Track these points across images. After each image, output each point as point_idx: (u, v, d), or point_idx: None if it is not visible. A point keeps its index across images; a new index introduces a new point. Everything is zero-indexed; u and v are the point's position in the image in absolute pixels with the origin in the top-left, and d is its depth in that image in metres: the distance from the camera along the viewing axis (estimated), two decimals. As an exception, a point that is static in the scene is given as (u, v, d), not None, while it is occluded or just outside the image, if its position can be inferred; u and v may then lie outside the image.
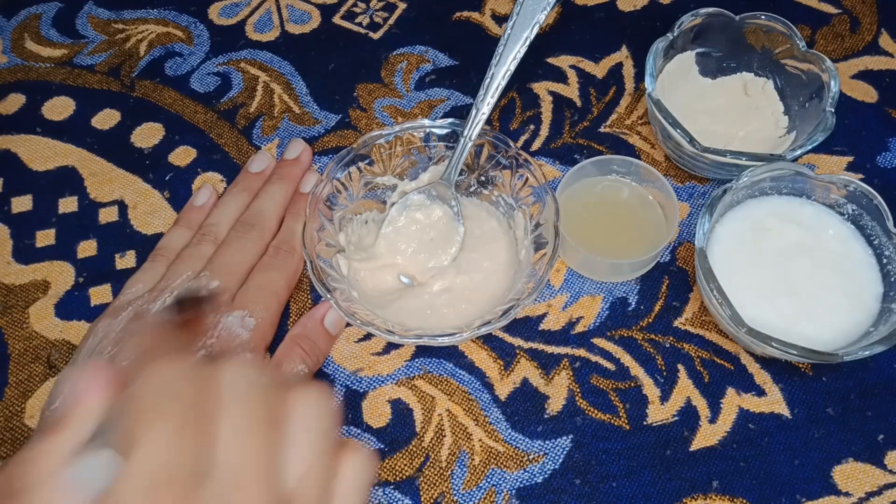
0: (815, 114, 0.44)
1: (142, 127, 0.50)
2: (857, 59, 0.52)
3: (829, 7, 0.55)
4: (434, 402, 0.40)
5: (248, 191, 0.45)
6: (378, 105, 0.51)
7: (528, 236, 0.42)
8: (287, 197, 0.44)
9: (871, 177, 0.47)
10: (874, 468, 0.38)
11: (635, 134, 0.49)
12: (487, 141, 0.44)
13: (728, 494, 0.38)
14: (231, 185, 0.46)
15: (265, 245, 0.42)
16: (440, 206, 0.43)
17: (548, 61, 0.53)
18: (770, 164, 0.41)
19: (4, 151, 0.49)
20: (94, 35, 0.54)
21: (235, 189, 0.45)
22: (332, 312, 0.41)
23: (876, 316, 0.39)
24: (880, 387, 0.40)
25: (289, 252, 0.42)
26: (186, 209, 0.45)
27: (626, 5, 0.55)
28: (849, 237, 0.41)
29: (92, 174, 0.48)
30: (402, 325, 0.39)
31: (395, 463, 0.38)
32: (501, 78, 0.41)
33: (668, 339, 0.42)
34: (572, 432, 0.39)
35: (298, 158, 0.46)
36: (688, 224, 0.46)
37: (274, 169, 0.46)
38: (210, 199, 0.45)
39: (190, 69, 0.52)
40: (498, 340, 0.42)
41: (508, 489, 0.38)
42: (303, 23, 0.55)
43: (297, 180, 0.45)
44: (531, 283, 0.39)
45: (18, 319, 0.43)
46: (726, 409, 0.40)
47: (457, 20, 0.55)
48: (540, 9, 0.41)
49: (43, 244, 0.45)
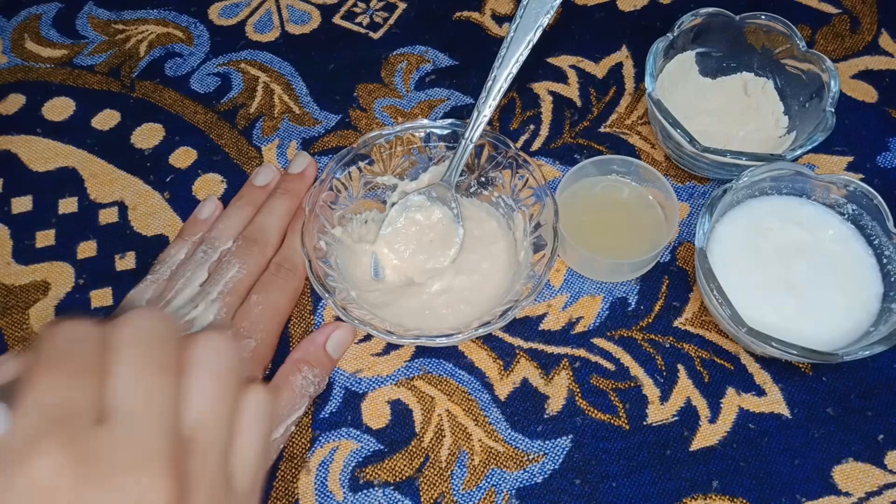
0: (815, 114, 0.44)
1: (142, 127, 0.50)
2: (857, 59, 0.52)
3: (829, 7, 0.55)
4: (434, 402, 0.40)
5: (251, 204, 0.44)
6: (378, 105, 0.51)
7: (528, 237, 0.42)
8: (290, 212, 0.44)
9: (871, 177, 0.47)
10: (874, 468, 0.38)
11: (635, 134, 0.49)
12: (487, 141, 0.44)
13: (728, 494, 0.38)
14: (235, 197, 0.45)
15: (266, 261, 0.42)
16: (440, 207, 0.43)
17: (548, 61, 0.53)
18: (770, 164, 0.41)
19: (4, 152, 0.49)
20: (94, 35, 0.54)
21: (239, 202, 0.45)
22: (334, 337, 0.40)
23: (876, 316, 0.39)
24: (880, 387, 0.40)
25: (291, 270, 0.41)
26: (190, 222, 0.45)
27: (626, 5, 0.55)
28: (849, 237, 0.41)
29: (92, 175, 0.48)
30: (401, 326, 0.39)
31: (394, 463, 0.38)
32: (503, 80, 0.41)
33: (668, 339, 0.42)
34: (572, 432, 0.39)
35: (303, 173, 0.46)
36: (688, 224, 0.46)
37: (278, 183, 0.46)
38: (214, 213, 0.45)
39: (190, 70, 0.53)
40: (498, 340, 0.42)
41: (508, 489, 0.38)
42: (303, 23, 0.55)
43: (300, 195, 0.45)
44: (530, 285, 0.39)
45: (18, 320, 0.43)
46: (726, 409, 0.40)
47: (457, 20, 0.55)
48: (543, 12, 0.41)
49: (43, 245, 0.45)
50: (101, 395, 0.21)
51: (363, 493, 0.38)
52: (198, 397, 0.22)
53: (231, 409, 0.23)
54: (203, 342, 0.24)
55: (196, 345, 0.24)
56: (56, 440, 0.19)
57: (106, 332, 0.23)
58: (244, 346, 0.38)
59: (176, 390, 0.22)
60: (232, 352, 0.24)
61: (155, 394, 0.21)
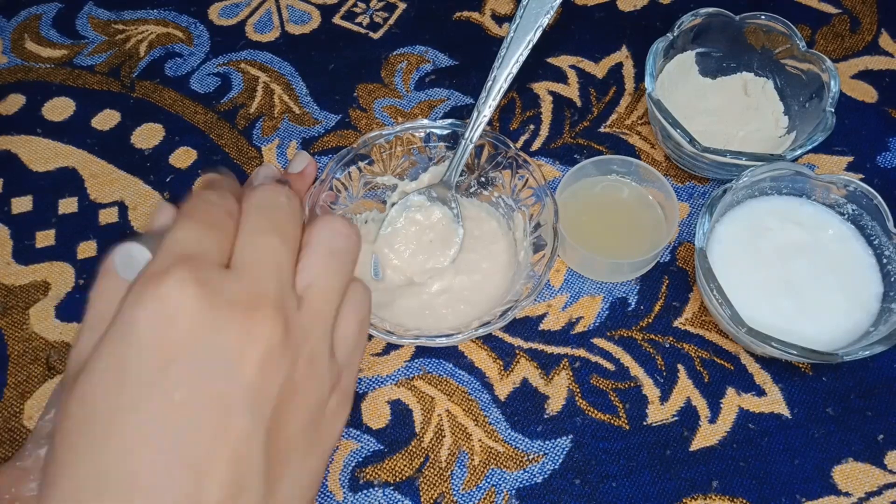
0: (815, 114, 0.44)
1: (142, 127, 0.50)
2: (857, 59, 0.52)
3: (829, 7, 0.55)
4: (434, 402, 0.40)
5: None
6: (378, 105, 0.51)
7: (528, 237, 0.42)
8: None
9: (871, 177, 0.47)
10: (874, 468, 0.38)
11: (635, 134, 0.49)
12: (487, 141, 0.44)
13: (728, 494, 0.38)
14: None
15: None
16: (440, 207, 0.43)
17: (548, 61, 0.53)
18: (770, 164, 0.41)
19: (5, 152, 0.49)
20: (94, 35, 0.54)
21: None
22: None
23: (876, 316, 0.39)
24: (880, 387, 0.40)
25: None
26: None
27: (626, 5, 0.55)
28: (849, 237, 0.41)
29: (92, 175, 0.48)
30: (401, 326, 0.39)
31: (394, 463, 0.38)
32: (503, 80, 0.41)
33: (667, 339, 0.42)
34: (572, 432, 0.39)
35: (303, 173, 0.46)
36: (688, 224, 0.46)
37: None
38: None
39: (190, 70, 0.53)
40: (498, 340, 0.42)
41: (508, 489, 0.38)
42: (303, 23, 0.55)
43: (300, 195, 0.45)
44: (530, 285, 0.39)
45: (18, 320, 0.43)
46: (726, 409, 0.40)
47: (457, 20, 0.55)
48: (543, 12, 0.41)
49: (43, 245, 0.45)
50: (228, 248, 0.23)
51: (363, 493, 0.38)
52: (313, 265, 0.25)
53: (341, 285, 0.26)
54: (325, 222, 0.26)
55: (319, 222, 0.26)
56: (185, 269, 0.21)
57: (244, 196, 0.25)
58: None
59: (293, 254, 0.24)
60: (350, 237, 0.26)
61: (273, 252, 0.24)
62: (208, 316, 0.21)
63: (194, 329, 0.21)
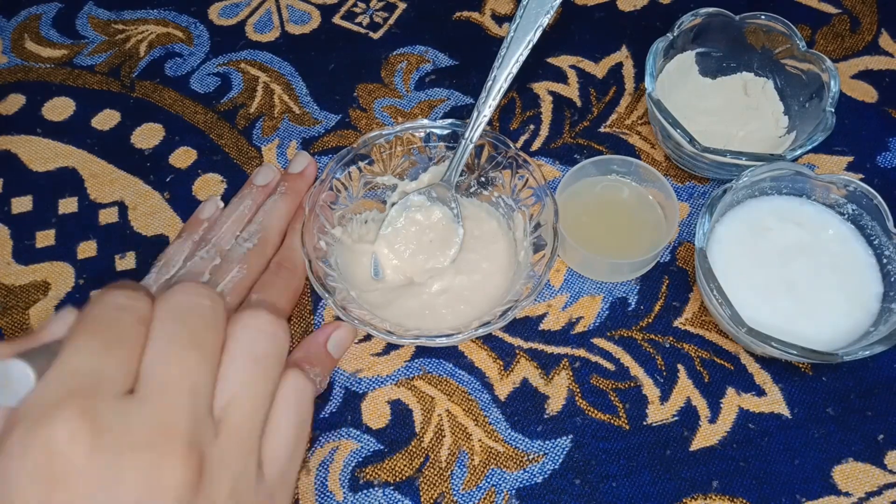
0: (815, 114, 0.44)
1: (142, 127, 0.50)
2: (857, 59, 0.52)
3: (829, 7, 0.55)
4: (433, 402, 0.40)
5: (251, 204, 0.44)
6: (378, 105, 0.51)
7: (528, 237, 0.42)
8: (290, 212, 0.44)
9: (871, 177, 0.47)
10: (874, 468, 0.38)
11: (635, 134, 0.49)
12: (487, 141, 0.44)
13: (728, 494, 0.38)
14: (235, 196, 0.45)
15: (267, 261, 0.42)
16: (440, 207, 0.43)
17: (548, 61, 0.53)
18: (770, 164, 0.41)
19: (4, 152, 0.49)
20: (94, 35, 0.54)
21: (239, 202, 0.45)
22: (335, 336, 0.40)
23: (876, 316, 0.39)
24: (880, 387, 0.40)
25: (291, 270, 0.41)
26: (191, 222, 0.45)
27: (626, 5, 0.55)
28: (849, 237, 0.41)
29: (92, 175, 0.48)
30: (401, 326, 0.39)
31: (394, 463, 0.38)
32: (503, 80, 0.41)
33: (667, 339, 0.42)
34: (572, 432, 0.39)
35: (303, 173, 0.46)
36: (688, 224, 0.46)
37: (278, 182, 0.46)
38: (215, 213, 0.45)
39: (190, 70, 0.53)
40: (498, 340, 0.42)
41: (508, 489, 0.38)
42: (303, 23, 0.55)
43: (301, 195, 0.45)
44: (530, 285, 0.39)
45: (18, 321, 0.43)
46: (726, 409, 0.40)
47: (457, 20, 0.55)
48: (543, 12, 0.41)
49: (43, 245, 0.45)
50: (132, 369, 0.20)
51: (363, 494, 0.38)
52: (233, 377, 0.22)
53: (267, 393, 0.23)
54: (246, 321, 0.23)
55: (238, 324, 0.23)
56: (77, 407, 0.18)
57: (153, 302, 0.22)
58: None
59: (212, 368, 0.21)
60: (276, 335, 0.24)
61: (188, 370, 0.21)
62: (103, 465, 0.18)
63: (88, 483, 0.18)
